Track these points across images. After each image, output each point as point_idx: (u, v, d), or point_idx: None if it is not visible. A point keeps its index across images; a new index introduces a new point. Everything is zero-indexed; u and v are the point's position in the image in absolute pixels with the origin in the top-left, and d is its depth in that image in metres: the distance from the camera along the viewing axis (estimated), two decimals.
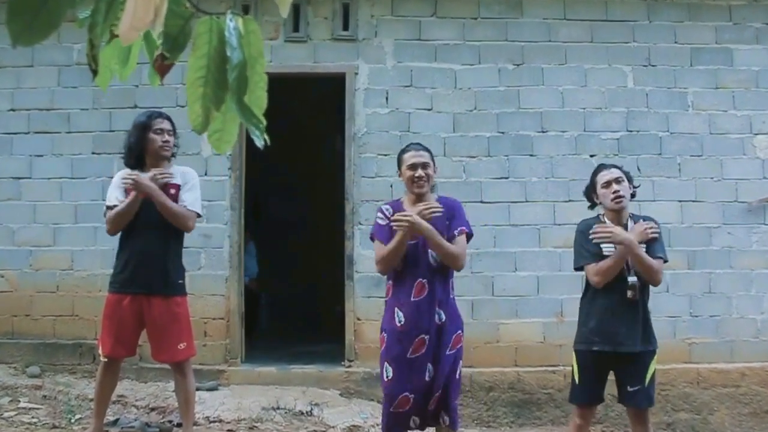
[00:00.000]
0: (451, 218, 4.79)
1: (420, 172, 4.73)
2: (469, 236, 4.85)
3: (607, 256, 4.91)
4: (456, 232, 4.76)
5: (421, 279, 4.67)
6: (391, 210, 4.80)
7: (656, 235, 4.91)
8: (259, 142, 1.74)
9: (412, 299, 4.66)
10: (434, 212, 4.60)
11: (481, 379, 7.44)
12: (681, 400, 7.48)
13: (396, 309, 4.71)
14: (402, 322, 4.67)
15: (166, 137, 5.37)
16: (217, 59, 1.72)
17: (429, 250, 4.68)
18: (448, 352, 4.68)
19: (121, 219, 5.29)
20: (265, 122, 1.76)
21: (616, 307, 4.88)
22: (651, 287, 5.04)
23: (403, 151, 4.89)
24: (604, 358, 4.91)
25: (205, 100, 1.74)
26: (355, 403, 7.22)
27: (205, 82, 1.74)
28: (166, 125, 5.39)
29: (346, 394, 7.37)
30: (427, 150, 4.88)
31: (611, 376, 5.05)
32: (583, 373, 5.00)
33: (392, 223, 4.61)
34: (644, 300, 4.97)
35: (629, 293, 4.83)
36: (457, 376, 4.76)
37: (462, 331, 4.80)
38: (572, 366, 5.10)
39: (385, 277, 4.92)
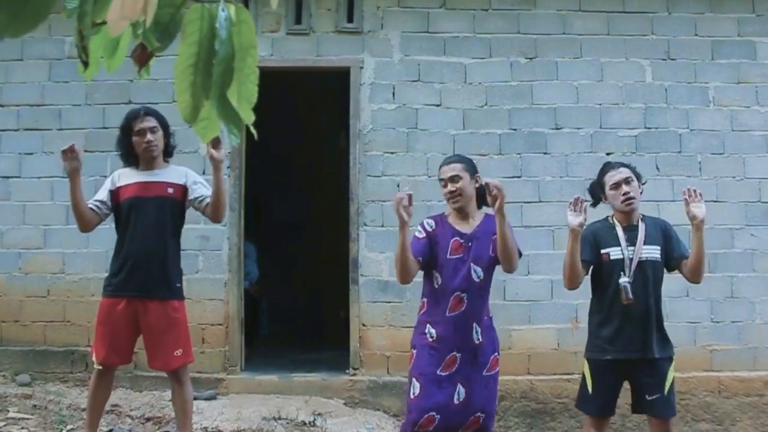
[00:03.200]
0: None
1: (450, 187, 4.72)
2: (520, 254, 4.80)
3: (612, 261, 4.89)
4: None
5: (459, 293, 4.63)
6: (432, 224, 4.77)
7: None
8: (235, 141, 1.76)
9: (447, 314, 4.63)
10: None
11: None
12: (701, 410, 7.42)
13: (428, 326, 4.68)
14: (434, 338, 4.64)
15: (149, 137, 5.35)
16: (208, 47, 1.70)
17: (473, 265, 4.66)
18: (485, 373, 4.64)
19: (74, 210, 5.36)
20: (254, 117, 1.75)
21: (627, 314, 4.85)
22: (662, 290, 5.02)
23: (442, 163, 4.90)
24: (618, 366, 4.88)
25: (195, 89, 1.73)
26: (360, 413, 7.18)
27: (195, 71, 1.72)
28: (147, 123, 5.37)
29: (350, 404, 7.33)
30: (462, 161, 4.85)
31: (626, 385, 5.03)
32: (597, 383, 4.96)
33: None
34: (656, 303, 4.94)
35: (622, 296, 4.80)
36: (495, 402, 4.74)
37: (499, 354, 4.78)
38: (583, 374, 5.07)
39: (421, 294, 4.89)
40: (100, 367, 5.28)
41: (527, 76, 7.78)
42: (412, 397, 4.64)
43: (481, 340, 4.64)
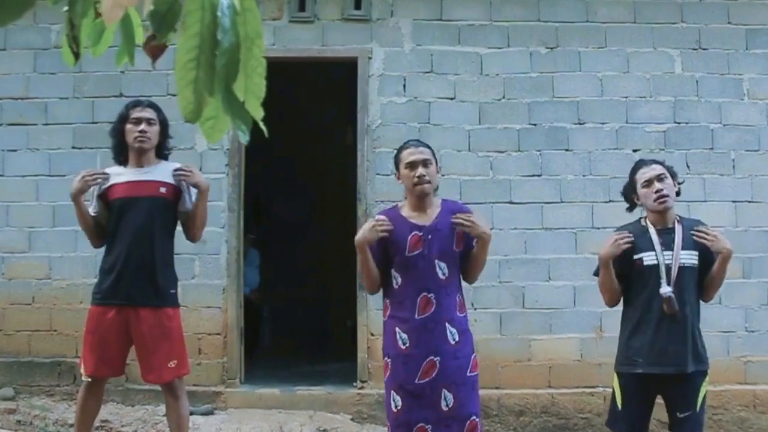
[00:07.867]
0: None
1: (421, 170, 4.66)
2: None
3: (646, 267, 4.84)
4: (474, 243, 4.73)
5: (426, 293, 4.58)
6: (386, 219, 4.72)
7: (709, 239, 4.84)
8: (244, 138, 1.73)
9: (416, 317, 4.57)
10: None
11: (511, 402, 7.36)
12: (735, 426, 7.38)
13: (397, 330, 4.62)
14: (407, 344, 4.58)
15: (143, 127, 5.27)
16: (211, 39, 1.66)
17: (437, 261, 4.62)
18: (468, 374, 4.61)
19: (86, 230, 5.40)
20: (262, 113, 1.73)
21: (661, 324, 4.77)
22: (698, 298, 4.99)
23: (400, 149, 4.84)
24: (650, 381, 4.81)
25: (198, 84, 1.68)
26: (368, 428, 7.19)
27: (197, 65, 1.68)
28: (146, 113, 5.31)
29: (358, 419, 7.31)
30: (428, 146, 4.82)
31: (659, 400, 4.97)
32: (627, 398, 4.89)
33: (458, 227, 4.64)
34: (693, 313, 4.89)
35: (665, 307, 4.74)
36: (479, 405, 4.74)
37: (476, 355, 4.75)
38: (613, 389, 5.01)
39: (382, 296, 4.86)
40: (89, 380, 5.22)
41: (548, 68, 7.74)
42: (394, 410, 4.60)
43: (457, 340, 4.60)
